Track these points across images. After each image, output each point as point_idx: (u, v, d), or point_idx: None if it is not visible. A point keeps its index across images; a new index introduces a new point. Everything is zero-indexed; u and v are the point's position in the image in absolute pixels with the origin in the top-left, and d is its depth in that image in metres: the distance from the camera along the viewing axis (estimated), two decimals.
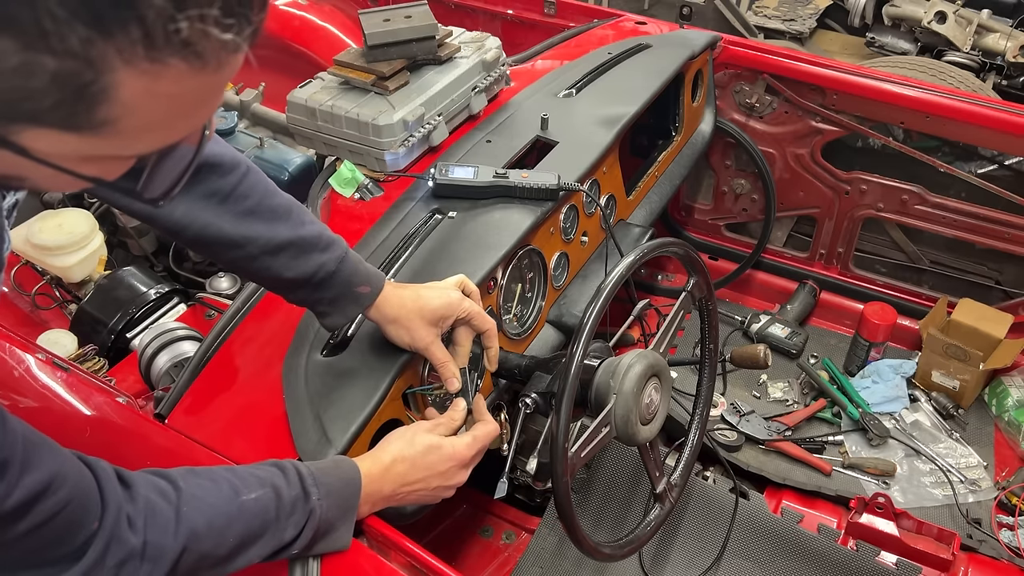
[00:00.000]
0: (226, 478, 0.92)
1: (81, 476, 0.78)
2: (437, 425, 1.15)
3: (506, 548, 1.77)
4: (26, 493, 0.71)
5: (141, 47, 0.49)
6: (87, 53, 0.48)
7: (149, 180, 0.63)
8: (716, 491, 1.81)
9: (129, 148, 0.56)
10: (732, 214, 2.50)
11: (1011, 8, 3.82)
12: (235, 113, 2.08)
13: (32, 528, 0.73)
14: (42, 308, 1.87)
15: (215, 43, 0.51)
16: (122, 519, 0.81)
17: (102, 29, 0.47)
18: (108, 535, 0.79)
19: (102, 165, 0.58)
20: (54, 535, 0.75)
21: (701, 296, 1.37)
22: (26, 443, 0.72)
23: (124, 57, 0.49)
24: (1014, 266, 2.31)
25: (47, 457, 0.74)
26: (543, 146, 1.71)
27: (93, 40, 0.47)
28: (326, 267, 1.11)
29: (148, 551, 0.82)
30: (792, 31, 4.01)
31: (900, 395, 2.16)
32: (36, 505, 0.72)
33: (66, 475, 0.76)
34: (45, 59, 0.47)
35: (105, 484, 0.81)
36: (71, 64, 0.48)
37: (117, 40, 0.48)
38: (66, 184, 0.58)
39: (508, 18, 2.56)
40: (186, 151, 0.63)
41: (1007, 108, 2.01)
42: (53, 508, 0.74)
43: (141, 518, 0.83)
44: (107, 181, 0.60)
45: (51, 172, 0.55)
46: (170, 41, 0.49)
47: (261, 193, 1.08)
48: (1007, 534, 1.83)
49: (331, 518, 0.99)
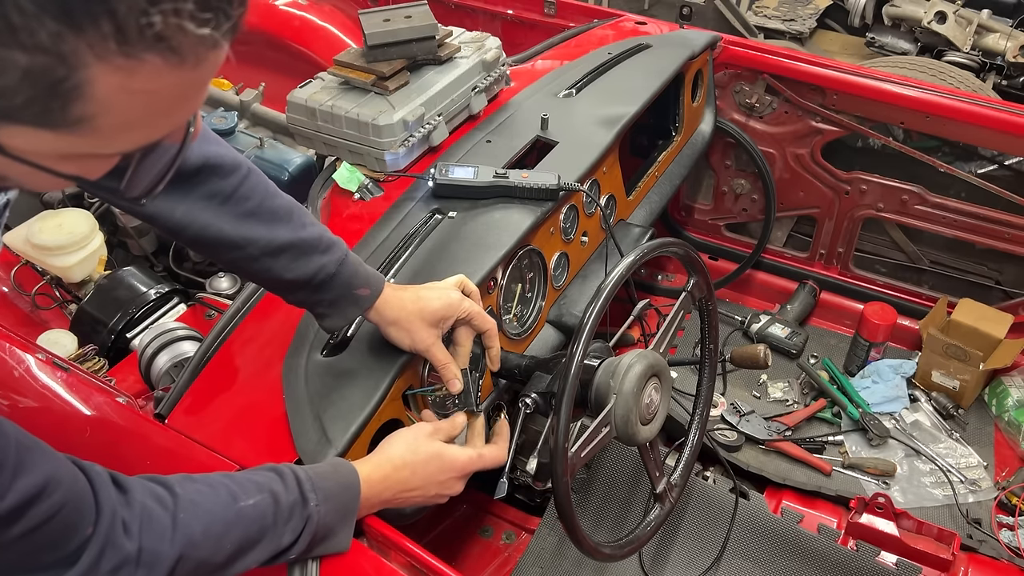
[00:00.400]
0: (224, 484, 0.92)
1: (75, 480, 0.78)
2: (437, 430, 1.14)
3: (506, 548, 1.77)
4: (19, 497, 0.70)
5: (113, 42, 0.47)
6: (58, 48, 0.47)
7: (132, 178, 0.62)
8: (716, 491, 1.81)
9: (108, 146, 0.55)
10: (732, 214, 2.50)
11: (1011, 8, 3.82)
12: (235, 113, 2.07)
13: (25, 532, 0.72)
14: (42, 308, 1.87)
15: (192, 38, 0.50)
16: (117, 524, 0.80)
17: (72, 23, 0.46)
18: (103, 540, 0.78)
19: (82, 163, 0.57)
20: (48, 540, 0.75)
21: (701, 296, 1.37)
22: (19, 447, 0.72)
23: (96, 52, 0.48)
24: (1014, 266, 2.31)
25: (40, 461, 0.73)
26: (543, 146, 1.71)
27: (63, 35, 0.46)
28: (326, 269, 1.11)
29: (143, 557, 0.81)
30: (792, 31, 4.01)
31: (900, 395, 2.16)
32: (29, 509, 0.71)
33: (60, 479, 0.75)
34: (15, 54, 0.46)
35: (100, 488, 0.80)
36: (42, 60, 0.47)
37: (88, 35, 0.47)
38: (47, 183, 0.57)
39: (508, 18, 2.56)
40: (169, 148, 0.62)
41: (1007, 108, 2.01)
42: (47, 512, 0.73)
43: (137, 524, 0.82)
44: (89, 180, 0.59)
45: (30, 170, 0.54)
46: (143, 36, 0.48)
47: (262, 195, 1.08)
48: (1007, 534, 1.83)
49: (329, 523, 0.98)
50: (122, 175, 0.61)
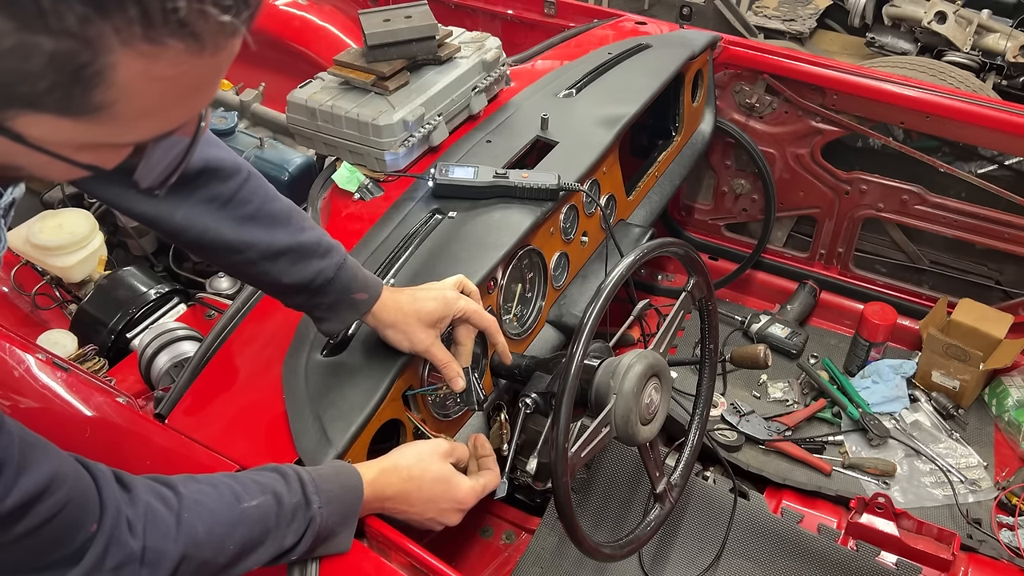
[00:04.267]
0: (227, 484, 0.92)
1: (79, 477, 0.78)
2: (451, 453, 1.15)
3: (506, 548, 1.77)
4: (23, 495, 0.70)
5: (139, 27, 0.48)
6: (84, 33, 0.47)
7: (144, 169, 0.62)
8: (716, 491, 1.81)
9: (125, 135, 0.56)
10: (732, 214, 2.50)
11: (1011, 8, 3.82)
12: (235, 113, 2.07)
13: (30, 530, 0.72)
14: (42, 308, 1.87)
15: (213, 25, 0.50)
16: (121, 522, 0.80)
17: (100, 7, 0.46)
18: (107, 537, 0.79)
19: (98, 153, 0.57)
20: (52, 537, 0.75)
21: (701, 296, 1.37)
22: (23, 444, 0.72)
23: (121, 37, 0.48)
24: (1014, 266, 2.31)
25: (44, 459, 0.74)
26: (543, 146, 1.71)
27: (91, 19, 0.46)
28: (324, 273, 1.11)
29: (147, 556, 0.81)
30: (792, 31, 4.01)
31: (900, 395, 2.16)
32: (33, 507, 0.72)
33: (64, 476, 0.75)
34: (42, 39, 0.46)
35: (104, 486, 0.80)
36: (68, 44, 0.47)
37: (115, 19, 0.47)
38: (62, 172, 0.57)
39: (508, 18, 2.56)
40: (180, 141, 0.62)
41: (1007, 108, 2.01)
42: (51, 510, 0.73)
43: (141, 523, 0.82)
44: (104, 169, 0.59)
45: (46, 160, 0.54)
46: (168, 21, 0.48)
47: (261, 199, 1.08)
48: (1007, 534, 1.83)
49: (332, 525, 0.98)
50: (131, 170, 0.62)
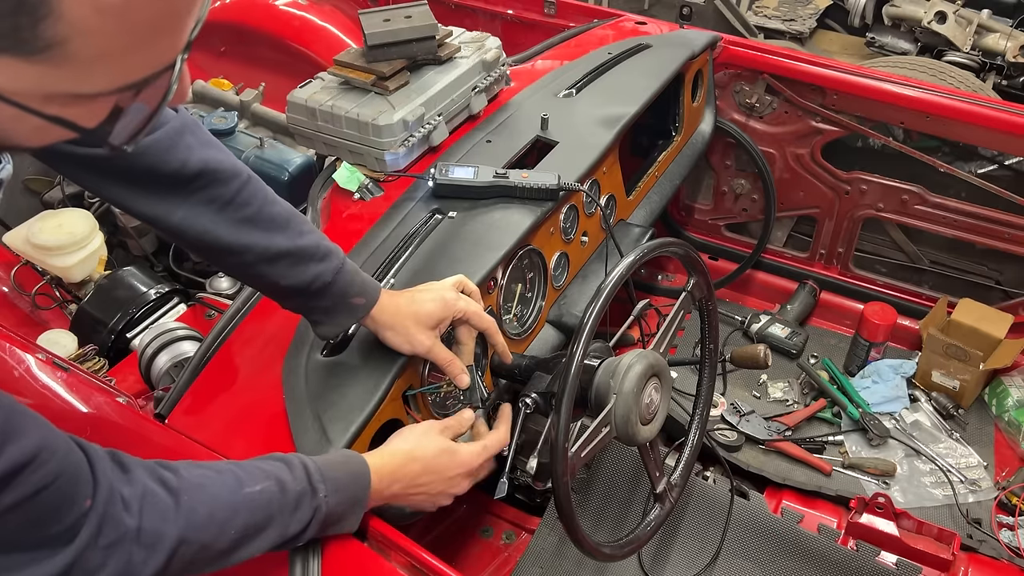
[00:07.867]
0: (230, 470, 0.91)
1: (70, 450, 0.76)
2: (446, 428, 1.15)
3: (506, 548, 1.77)
4: (10, 463, 0.68)
5: None
6: None
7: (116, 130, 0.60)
8: (716, 491, 1.81)
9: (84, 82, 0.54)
10: (732, 214, 2.50)
11: (1011, 8, 3.83)
12: (235, 113, 2.07)
13: (19, 501, 0.70)
14: (42, 308, 1.86)
15: None
16: (116, 499, 0.78)
17: None
18: (101, 514, 0.77)
19: (66, 107, 0.55)
20: (43, 510, 0.73)
21: (701, 296, 1.37)
22: (11, 412, 0.70)
23: None
24: (1014, 266, 2.31)
25: (33, 428, 0.71)
26: (543, 146, 1.71)
27: None
28: (322, 277, 1.11)
29: (143, 536, 0.80)
30: (792, 31, 4.01)
31: (900, 395, 2.16)
32: (20, 475, 0.69)
33: (54, 448, 0.73)
34: None
35: (96, 462, 0.78)
36: None
37: None
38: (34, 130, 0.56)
39: (508, 18, 2.56)
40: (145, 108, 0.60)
41: (1007, 108, 2.01)
42: (40, 481, 0.71)
43: (137, 502, 0.80)
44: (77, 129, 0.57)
45: (16, 113, 0.53)
46: None
47: (260, 201, 1.08)
48: (1007, 534, 1.83)
49: (339, 512, 0.98)
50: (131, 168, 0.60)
